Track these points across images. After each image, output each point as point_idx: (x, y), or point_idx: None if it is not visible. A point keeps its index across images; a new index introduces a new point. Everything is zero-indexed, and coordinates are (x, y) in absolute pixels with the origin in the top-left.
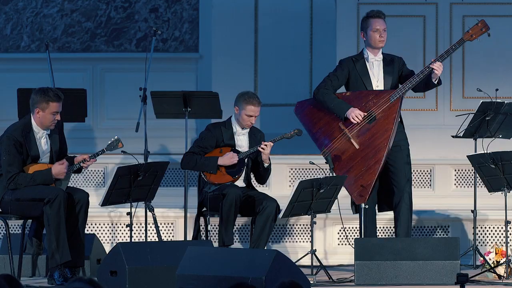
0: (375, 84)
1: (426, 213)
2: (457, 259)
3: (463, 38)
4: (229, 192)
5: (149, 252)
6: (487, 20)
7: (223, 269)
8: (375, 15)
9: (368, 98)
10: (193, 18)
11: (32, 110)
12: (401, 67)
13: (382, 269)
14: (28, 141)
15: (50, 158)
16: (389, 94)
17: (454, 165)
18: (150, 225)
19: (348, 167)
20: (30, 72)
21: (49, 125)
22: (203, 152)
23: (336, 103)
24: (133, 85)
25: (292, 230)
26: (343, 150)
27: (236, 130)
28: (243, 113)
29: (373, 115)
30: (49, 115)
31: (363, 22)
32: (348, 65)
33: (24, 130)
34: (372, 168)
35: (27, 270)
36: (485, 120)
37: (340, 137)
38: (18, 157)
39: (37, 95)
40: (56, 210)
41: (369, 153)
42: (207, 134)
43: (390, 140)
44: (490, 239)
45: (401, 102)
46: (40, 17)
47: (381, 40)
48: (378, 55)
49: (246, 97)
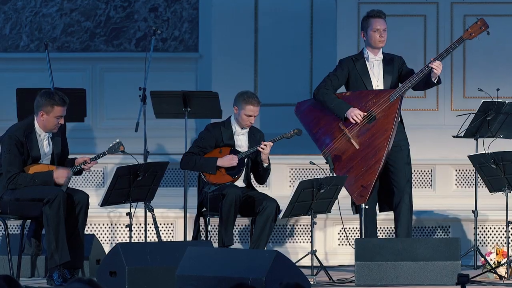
0: (375, 83)
1: (427, 213)
2: (458, 259)
3: (463, 36)
4: (229, 192)
5: (149, 253)
6: (488, 19)
7: (223, 269)
8: (375, 15)
9: (368, 98)
10: (193, 18)
11: (36, 112)
12: (400, 66)
13: (383, 269)
14: (30, 141)
15: (51, 161)
16: (388, 94)
17: (455, 165)
18: (149, 226)
19: (348, 167)
20: (29, 72)
21: (52, 128)
22: (203, 152)
23: (336, 103)
24: (132, 85)
25: (292, 231)
26: (343, 150)
27: (236, 130)
28: (242, 113)
29: (373, 115)
30: (53, 119)
31: (363, 22)
32: (348, 64)
33: (26, 130)
34: (372, 168)
35: (26, 270)
36: (486, 120)
37: (340, 137)
38: (19, 157)
39: (43, 98)
40: (56, 210)
41: (369, 153)
42: (206, 134)
43: (390, 139)
44: (491, 240)
45: (401, 101)
46: (39, 16)
47: (381, 40)
48: (378, 55)
49: (245, 97)
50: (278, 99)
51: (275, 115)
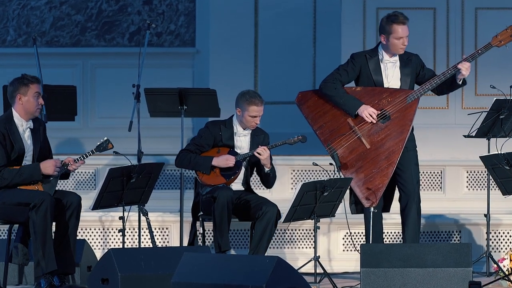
0: (386, 85)
1: (437, 217)
2: (469, 266)
3: (491, 43)
4: (219, 195)
5: (143, 259)
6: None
7: (222, 276)
8: (400, 22)
9: (382, 96)
10: (189, 11)
11: (12, 100)
12: (419, 66)
13: (390, 276)
14: (12, 133)
15: (33, 157)
16: (405, 95)
17: (466, 167)
18: (143, 230)
19: (356, 166)
20: (17, 68)
21: (34, 110)
22: (199, 151)
23: (346, 99)
24: (125, 81)
25: (294, 236)
26: (352, 149)
27: (237, 130)
28: (246, 114)
29: (387, 115)
30: (32, 99)
31: (385, 26)
32: (361, 61)
33: (6, 122)
34: (385, 171)
35: (13, 278)
36: (499, 119)
37: (348, 135)
38: (2, 150)
39: (14, 82)
40: (42, 216)
41: (381, 155)
42: (205, 132)
43: (405, 143)
44: (504, 245)
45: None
46: (27, 9)
47: (402, 47)
48: (394, 57)
49: (247, 97)
50: (279, 96)
51: (276, 114)
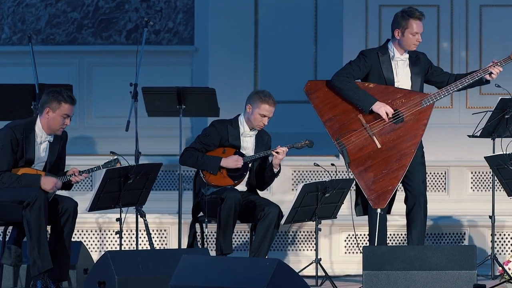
0: (396, 84)
1: (440, 219)
2: (473, 268)
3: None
4: (228, 197)
5: (140, 261)
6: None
7: (221, 279)
8: (418, 17)
9: (396, 96)
10: (188, 8)
11: (41, 110)
12: (427, 65)
13: (393, 279)
14: (27, 142)
15: (44, 167)
16: (421, 98)
17: (471, 167)
18: (141, 232)
19: (366, 165)
20: (11, 66)
21: (56, 129)
22: (205, 150)
23: (360, 94)
24: (123, 80)
25: (295, 238)
26: (362, 146)
27: (244, 130)
28: (256, 111)
29: (400, 116)
30: (59, 118)
31: (401, 20)
32: (372, 58)
33: (25, 129)
34: (396, 173)
35: (8, 280)
36: (504, 119)
37: (360, 131)
38: (11, 155)
39: (49, 94)
40: (36, 214)
41: (393, 156)
42: (211, 130)
43: (417, 147)
44: (510, 247)
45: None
46: (22, 6)
47: (416, 44)
48: (404, 54)
49: (261, 95)
50: (279, 95)
51: (276, 113)
